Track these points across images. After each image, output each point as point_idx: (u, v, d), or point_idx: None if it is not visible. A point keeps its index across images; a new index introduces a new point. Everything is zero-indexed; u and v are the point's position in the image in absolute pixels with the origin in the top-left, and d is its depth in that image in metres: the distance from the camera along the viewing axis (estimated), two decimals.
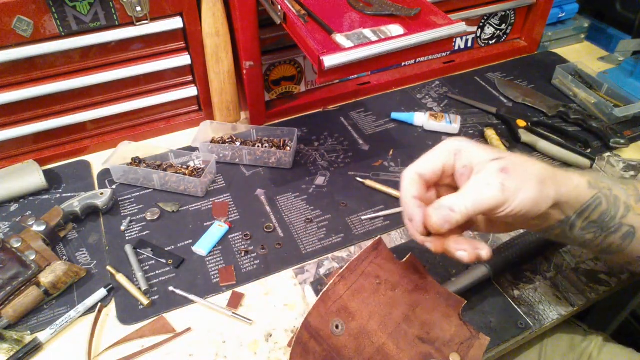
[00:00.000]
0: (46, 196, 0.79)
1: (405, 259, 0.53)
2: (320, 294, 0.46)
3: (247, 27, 0.78)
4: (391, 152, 0.86)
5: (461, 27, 0.66)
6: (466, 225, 0.50)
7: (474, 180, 0.44)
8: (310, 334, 0.44)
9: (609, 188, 0.48)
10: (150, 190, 0.80)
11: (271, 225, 0.73)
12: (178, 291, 0.64)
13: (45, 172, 0.80)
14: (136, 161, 0.82)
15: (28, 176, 0.78)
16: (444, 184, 0.50)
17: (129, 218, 0.75)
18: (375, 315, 0.47)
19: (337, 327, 0.45)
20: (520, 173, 0.43)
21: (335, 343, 0.44)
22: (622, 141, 0.85)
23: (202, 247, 0.70)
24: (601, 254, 0.65)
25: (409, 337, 0.46)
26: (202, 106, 0.92)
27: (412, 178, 0.47)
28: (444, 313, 0.49)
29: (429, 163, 0.47)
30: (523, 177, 0.43)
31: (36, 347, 0.58)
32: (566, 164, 0.83)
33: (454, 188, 0.50)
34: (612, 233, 0.49)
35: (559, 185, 0.45)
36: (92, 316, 0.61)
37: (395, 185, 0.79)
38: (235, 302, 0.63)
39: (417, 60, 1.05)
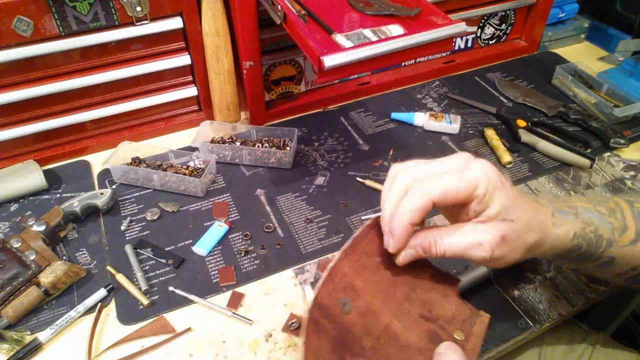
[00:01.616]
0: (46, 196, 0.79)
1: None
2: (326, 271, 0.43)
3: (247, 27, 0.78)
4: (391, 152, 0.86)
5: (461, 27, 0.66)
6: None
7: (472, 228, 0.42)
8: (321, 312, 0.41)
9: (594, 230, 0.47)
10: (150, 190, 0.80)
11: (271, 225, 0.73)
12: (178, 291, 0.64)
13: (45, 172, 0.80)
14: (136, 161, 0.82)
15: (28, 176, 0.78)
16: None
17: (129, 218, 0.75)
18: (379, 293, 0.45)
19: (344, 305, 0.43)
20: (515, 244, 0.42)
21: (345, 322, 0.42)
22: (622, 141, 0.85)
23: (202, 247, 0.70)
24: (576, 272, 0.66)
25: (413, 316, 0.45)
26: (202, 106, 0.92)
27: (423, 206, 0.40)
28: (442, 292, 0.48)
29: (451, 193, 0.40)
30: (513, 249, 0.42)
31: (36, 347, 0.58)
32: (566, 164, 0.83)
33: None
34: (589, 262, 0.49)
35: (541, 247, 0.45)
36: (92, 316, 0.61)
37: None
38: (235, 302, 0.63)
39: (417, 60, 1.05)
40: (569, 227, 0.46)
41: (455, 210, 0.45)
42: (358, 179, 0.81)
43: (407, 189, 0.42)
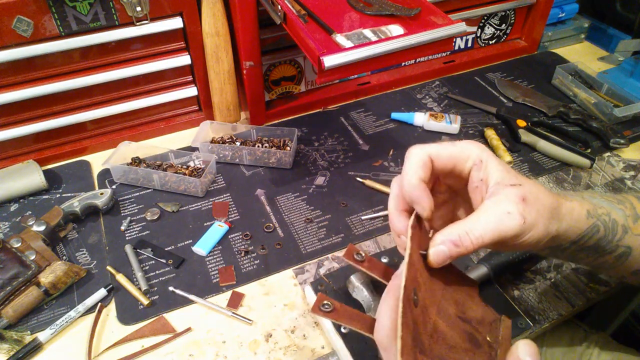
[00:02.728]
0: (46, 196, 0.79)
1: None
2: (406, 258, 0.40)
3: (247, 27, 0.78)
4: (391, 152, 0.86)
5: (461, 27, 0.66)
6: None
7: (492, 204, 0.40)
8: (406, 297, 0.38)
9: (607, 213, 0.47)
10: (150, 190, 0.80)
11: (271, 225, 0.73)
12: (178, 291, 0.64)
13: (45, 172, 0.80)
14: (136, 161, 0.81)
15: (28, 176, 0.78)
16: (448, 184, 0.47)
17: (129, 218, 0.75)
18: (428, 289, 0.43)
19: (415, 296, 0.40)
20: (537, 206, 0.41)
21: (414, 315, 0.39)
22: (622, 141, 0.85)
23: (202, 247, 0.70)
24: (593, 269, 0.65)
25: (452, 316, 0.44)
26: (202, 106, 0.92)
27: (423, 159, 0.41)
28: (467, 292, 0.47)
29: (445, 152, 0.42)
30: (538, 211, 0.41)
31: (36, 347, 0.58)
32: (566, 164, 0.83)
33: (448, 193, 0.47)
34: (606, 254, 0.48)
35: (561, 219, 0.43)
36: (92, 316, 0.61)
37: None
38: (235, 302, 0.63)
39: (417, 60, 1.05)
40: (580, 204, 0.45)
41: (465, 194, 0.45)
42: (358, 179, 0.81)
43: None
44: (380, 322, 0.37)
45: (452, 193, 0.47)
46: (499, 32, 1.10)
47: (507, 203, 0.40)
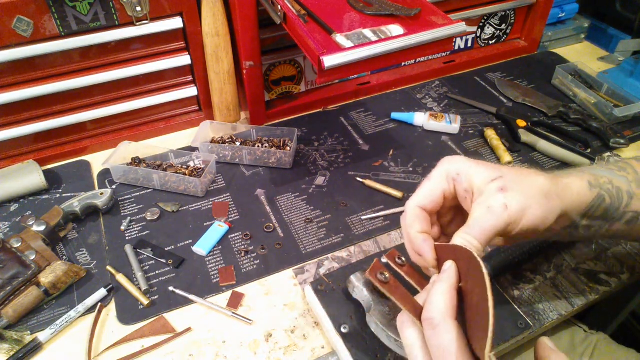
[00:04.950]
0: (46, 196, 0.79)
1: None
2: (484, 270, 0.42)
3: (247, 27, 0.78)
4: (391, 152, 0.86)
5: (461, 27, 0.66)
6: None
7: (476, 206, 0.42)
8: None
9: (609, 182, 0.48)
10: (150, 190, 0.80)
11: (271, 225, 0.73)
12: (178, 291, 0.64)
13: (45, 172, 0.80)
14: (136, 161, 0.82)
15: (28, 176, 0.78)
16: (448, 206, 0.49)
17: (129, 218, 0.75)
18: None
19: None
20: (523, 189, 0.42)
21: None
22: (622, 141, 0.85)
23: (202, 247, 0.70)
24: (608, 240, 0.66)
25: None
26: (202, 106, 0.92)
27: (414, 213, 0.46)
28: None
29: (428, 194, 0.46)
30: (527, 194, 0.42)
31: (36, 347, 0.58)
32: (566, 164, 0.83)
33: (457, 208, 0.49)
34: (616, 221, 0.49)
35: (562, 196, 0.44)
36: (92, 316, 0.61)
37: (396, 185, 0.79)
38: (235, 302, 0.63)
39: (417, 60, 1.05)
40: (579, 177, 0.47)
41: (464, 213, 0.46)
42: (358, 179, 0.81)
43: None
44: (434, 302, 0.39)
45: (455, 209, 0.50)
46: (499, 32, 1.10)
47: (488, 199, 0.42)
